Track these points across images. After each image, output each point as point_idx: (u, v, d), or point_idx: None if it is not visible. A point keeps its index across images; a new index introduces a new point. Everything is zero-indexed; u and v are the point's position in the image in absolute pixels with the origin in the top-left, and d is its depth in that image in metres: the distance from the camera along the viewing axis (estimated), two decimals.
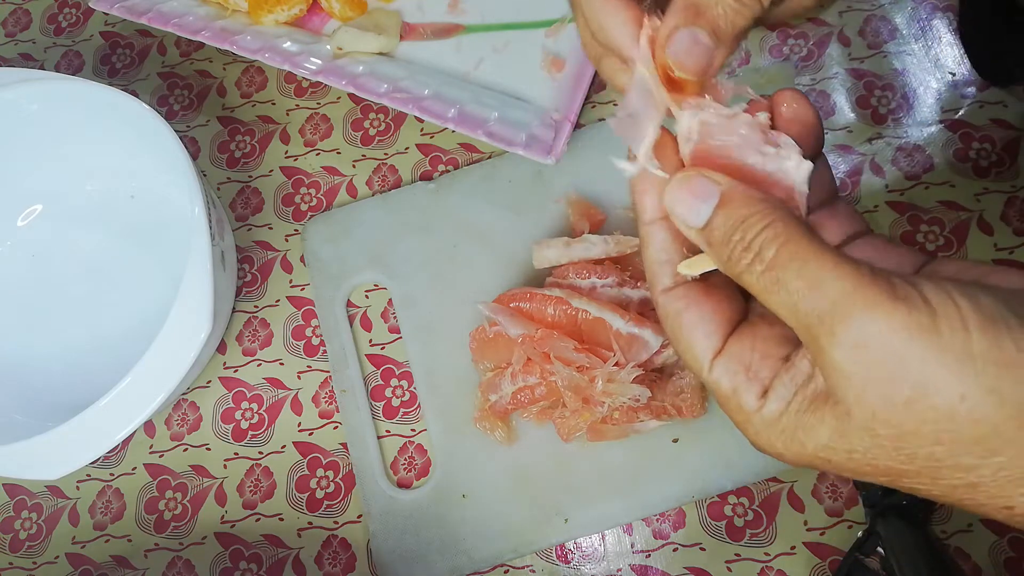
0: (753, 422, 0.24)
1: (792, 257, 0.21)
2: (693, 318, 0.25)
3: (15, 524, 0.51)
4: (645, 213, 0.26)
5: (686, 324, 0.25)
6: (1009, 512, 0.20)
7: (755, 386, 0.23)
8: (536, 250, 0.47)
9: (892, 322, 0.19)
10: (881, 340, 0.20)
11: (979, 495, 0.21)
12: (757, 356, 0.24)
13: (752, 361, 0.24)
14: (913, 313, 0.19)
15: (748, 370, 0.24)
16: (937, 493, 0.21)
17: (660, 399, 0.44)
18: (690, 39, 0.24)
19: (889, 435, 0.20)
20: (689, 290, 0.25)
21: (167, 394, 0.41)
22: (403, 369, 0.50)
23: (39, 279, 0.54)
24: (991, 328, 0.19)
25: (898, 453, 0.21)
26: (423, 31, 0.54)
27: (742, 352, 0.24)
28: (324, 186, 0.54)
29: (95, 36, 0.61)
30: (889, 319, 0.19)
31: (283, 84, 0.57)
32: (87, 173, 0.53)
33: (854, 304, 0.20)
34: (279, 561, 0.48)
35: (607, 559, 0.46)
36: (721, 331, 0.25)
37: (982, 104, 0.48)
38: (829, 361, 0.21)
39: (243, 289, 0.53)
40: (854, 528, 0.44)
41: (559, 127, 0.48)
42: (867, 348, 0.20)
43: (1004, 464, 0.19)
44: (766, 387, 0.23)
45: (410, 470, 0.48)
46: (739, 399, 0.24)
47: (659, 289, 0.26)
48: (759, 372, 0.24)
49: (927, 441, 0.20)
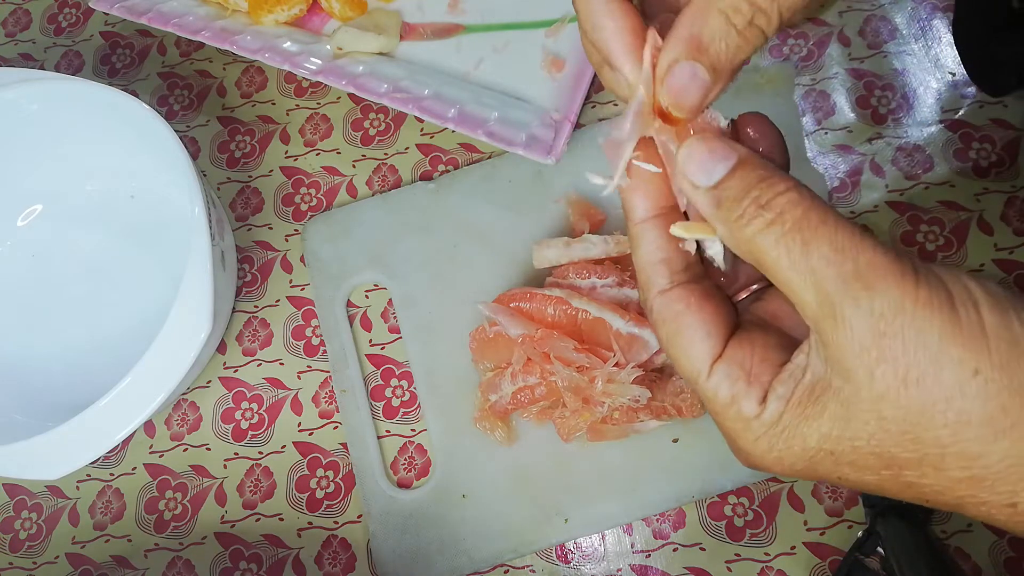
0: (752, 428, 0.23)
1: (822, 221, 0.21)
2: (693, 320, 0.24)
3: (15, 524, 0.51)
4: (635, 212, 0.25)
5: (685, 327, 0.24)
6: (1012, 511, 0.20)
7: (756, 391, 0.23)
8: (536, 250, 0.47)
9: (916, 296, 0.20)
10: (903, 313, 0.20)
11: (982, 490, 0.20)
12: (757, 360, 0.23)
13: (752, 366, 0.23)
14: (934, 291, 0.20)
15: (749, 375, 0.23)
16: (939, 489, 0.21)
17: (660, 399, 0.44)
18: (689, 74, 0.23)
19: (896, 416, 0.20)
20: (688, 292, 0.24)
21: (167, 394, 0.41)
22: (403, 369, 0.50)
23: (39, 279, 0.54)
24: (999, 309, 0.20)
25: (903, 437, 0.20)
26: (423, 31, 0.54)
27: (742, 357, 0.23)
28: (324, 186, 0.54)
29: (95, 36, 0.61)
30: (914, 293, 0.20)
31: (283, 84, 0.57)
32: (87, 173, 0.53)
33: (879, 275, 0.20)
34: (279, 561, 0.48)
35: (607, 559, 0.46)
36: (721, 335, 0.24)
37: (982, 104, 0.48)
38: (846, 333, 0.20)
39: (243, 289, 0.53)
40: (854, 528, 0.44)
41: (559, 127, 0.48)
42: (887, 319, 0.20)
43: (1008, 451, 0.19)
44: (766, 392, 0.23)
45: (410, 470, 0.48)
46: (739, 406, 0.23)
47: (654, 291, 0.25)
48: (760, 377, 0.23)
49: (934, 423, 0.20)
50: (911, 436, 0.20)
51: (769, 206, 0.21)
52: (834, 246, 0.20)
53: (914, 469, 0.21)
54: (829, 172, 0.49)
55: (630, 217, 0.25)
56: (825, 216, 0.21)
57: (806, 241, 0.21)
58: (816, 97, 0.50)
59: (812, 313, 0.21)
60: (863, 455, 0.21)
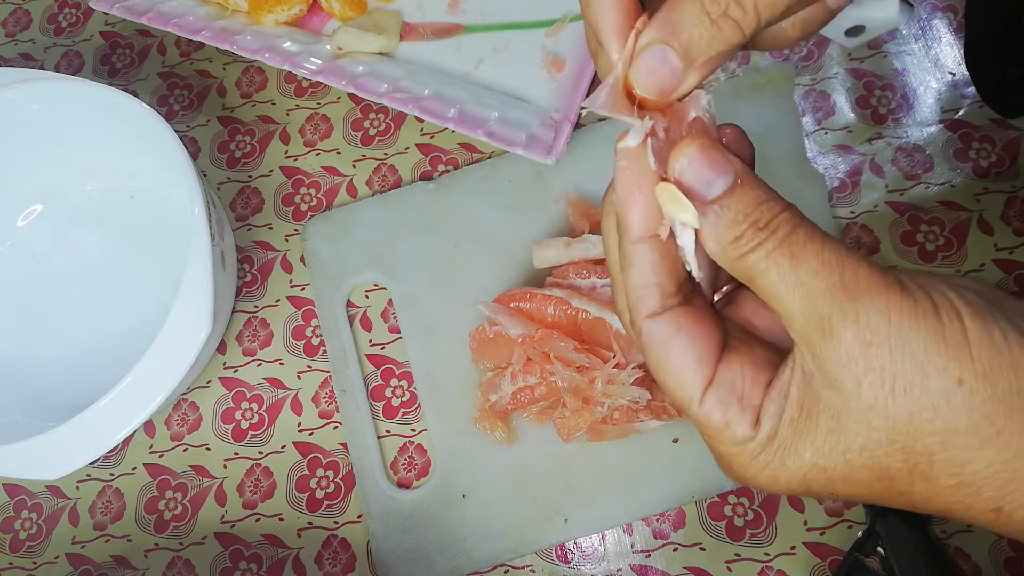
0: (747, 450, 0.23)
1: (809, 238, 0.21)
2: (684, 344, 0.23)
3: (15, 524, 0.51)
4: (632, 230, 0.24)
5: (675, 352, 0.23)
6: (996, 515, 0.21)
7: (748, 415, 0.23)
8: (536, 250, 0.47)
9: (901, 306, 0.20)
10: (888, 323, 0.20)
11: (968, 495, 0.21)
12: (748, 384, 0.23)
13: (744, 389, 0.23)
14: (919, 301, 0.20)
15: (741, 399, 0.23)
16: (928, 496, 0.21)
17: (660, 399, 0.44)
18: (659, 57, 0.23)
19: (884, 426, 0.20)
20: (678, 316, 0.24)
21: (167, 394, 0.41)
22: (403, 369, 0.50)
23: (39, 279, 0.54)
24: (980, 318, 0.20)
25: (892, 447, 0.21)
26: (423, 31, 0.54)
27: (732, 380, 0.23)
28: (324, 186, 0.54)
29: (95, 36, 0.61)
30: (899, 303, 0.20)
31: (283, 84, 0.57)
32: (87, 173, 0.53)
33: (864, 287, 0.20)
34: (279, 561, 0.48)
35: (607, 559, 0.46)
36: (712, 359, 0.23)
37: (982, 104, 0.48)
38: (833, 345, 0.21)
39: (243, 289, 0.53)
40: (854, 528, 0.44)
41: (559, 127, 0.48)
42: (872, 329, 0.20)
43: (994, 458, 0.20)
44: (758, 414, 0.23)
45: (410, 470, 0.48)
46: (732, 431, 0.23)
47: (643, 315, 0.24)
48: (751, 400, 0.23)
49: (923, 431, 0.20)
50: (900, 446, 0.21)
51: (766, 227, 0.22)
52: (821, 260, 0.21)
53: (904, 479, 0.21)
54: (829, 172, 0.49)
55: (625, 235, 0.24)
56: (812, 234, 0.22)
57: (795, 255, 0.21)
58: (816, 97, 0.50)
59: (800, 327, 0.21)
60: (855, 468, 0.22)
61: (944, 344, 0.20)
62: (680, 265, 0.24)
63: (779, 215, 0.22)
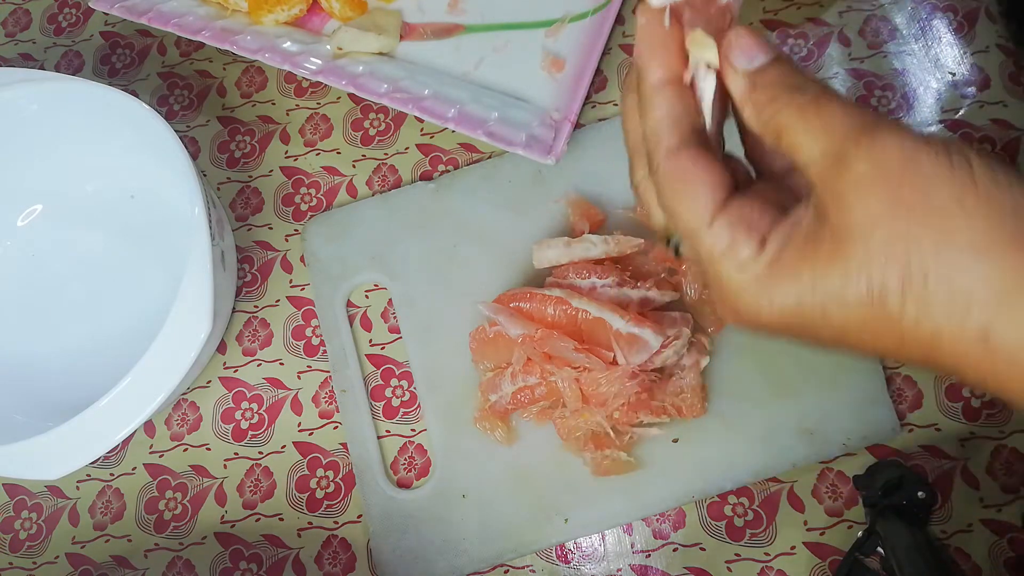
0: (749, 272, 0.25)
1: (835, 96, 0.24)
2: (700, 174, 0.26)
3: (15, 524, 0.51)
4: (653, 74, 0.27)
5: (691, 181, 0.26)
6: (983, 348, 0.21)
7: (754, 238, 0.25)
8: (536, 250, 0.47)
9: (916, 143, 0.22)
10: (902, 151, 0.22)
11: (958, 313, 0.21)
12: (756, 213, 0.25)
13: (753, 218, 0.25)
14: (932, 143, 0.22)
15: (749, 226, 0.25)
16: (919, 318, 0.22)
17: (660, 399, 0.44)
18: None
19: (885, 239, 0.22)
20: (695, 151, 0.26)
21: (167, 394, 0.41)
22: (403, 369, 0.50)
23: (39, 279, 0.54)
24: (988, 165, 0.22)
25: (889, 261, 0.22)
26: (423, 31, 0.54)
27: (742, 207, 0.25)
28: (324, 186, 0.54)
29: (95, 36, 0.61)
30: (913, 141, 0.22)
31: (283, 84, 0.57)
32: (87, 173, 0.53)
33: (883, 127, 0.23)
34: (279, 561, 0.48)
35: (607, 559, 0.46)
36: (724, 189, 0.26)
37: (982, 104, 0.48)
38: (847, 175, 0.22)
39: (243, 289, 0.53)
40: (854, 528, 0.44)
41: (559, 127, 0.48)
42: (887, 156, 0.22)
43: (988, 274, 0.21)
44: (764, 239, 0.25)
45: (410, 470, 0.48)
46: (737, 251, 0.25)
47: (663, 150, 0.26)
48: (759, 227, 0.25)
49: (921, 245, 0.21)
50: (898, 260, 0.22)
51: (799, 89, 0.24)
52: (845, 110, 0.24)
53: (896, 299, 0.22)
54: None
55: (645, 79, 0.27)
56: (837, 94, 0.24)
57: (821, 106, 0.24)
58: None
59: (818, 168, 0.23)
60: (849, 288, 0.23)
61: (951, 174, 0.21)
62: (695, 115, 0.27)
63: (809, 80, 0.25)
